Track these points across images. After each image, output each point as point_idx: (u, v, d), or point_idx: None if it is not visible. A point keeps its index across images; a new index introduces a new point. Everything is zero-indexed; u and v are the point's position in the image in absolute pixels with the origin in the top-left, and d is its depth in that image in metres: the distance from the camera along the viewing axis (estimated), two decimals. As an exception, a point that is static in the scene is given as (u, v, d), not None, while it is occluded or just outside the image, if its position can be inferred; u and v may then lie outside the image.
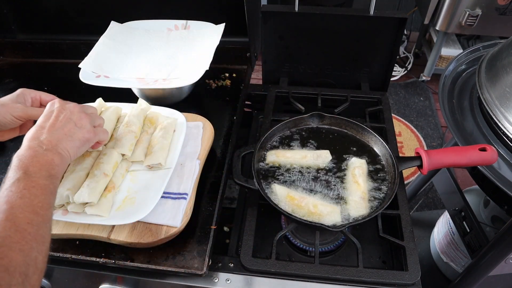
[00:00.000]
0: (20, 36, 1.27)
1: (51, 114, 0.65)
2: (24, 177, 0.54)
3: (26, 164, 0.56)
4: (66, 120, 0.65)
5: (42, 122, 0.64)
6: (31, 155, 0.57)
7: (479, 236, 0.99)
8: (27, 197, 0.52)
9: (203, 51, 1.01)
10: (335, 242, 0.86)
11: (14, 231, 0.48)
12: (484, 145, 0.80)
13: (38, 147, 0.59)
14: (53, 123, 0.64)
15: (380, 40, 1.12)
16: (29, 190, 0.53)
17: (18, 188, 0.52)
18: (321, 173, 0.86)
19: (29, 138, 0.61)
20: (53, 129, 0.63)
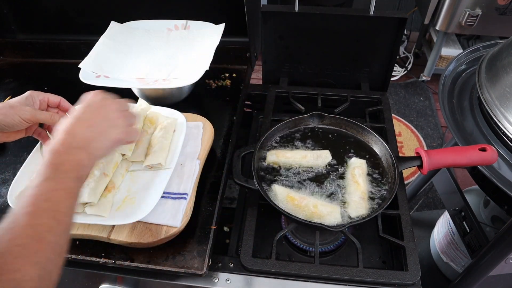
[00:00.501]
0: (20, 36, 1.27)
1: (89, 109, 0.64)
2: (53, 176, 0.53)
3: (57, 162, 0.55)
4: (103, 118, 0.64)
5: (80, 114, 0.62)
6: (64, 152, 0.56)
7: (479, 236, 0.99)
8: (52, 201, 0.51)
9: (203, 51, 1.01)
10: (335, 242, 0.86)
11: (33, 240, 0.46)
12: (484, 145, 0.80)
13: (72, 144, 0.58)
14: (90, 118, 0.63)
15: (380, 40, 1.12)
16: (55, 192, 0.52)
17: (46, 189, 0.51)
18: (321, 173, 0.86)
19: (65, 130, 0.59)
20: (89, 125, 0.61)
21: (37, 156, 0.82)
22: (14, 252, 0.44)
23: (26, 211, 0.48)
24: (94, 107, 0.64)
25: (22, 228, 0.46)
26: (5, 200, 0.81)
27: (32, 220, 0.47)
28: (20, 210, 0.48)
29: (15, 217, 0.48)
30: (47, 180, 0.52)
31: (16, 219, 0.47)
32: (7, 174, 0.88)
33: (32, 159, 0.81)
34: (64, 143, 0.57)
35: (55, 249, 0.48)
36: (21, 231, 0.46)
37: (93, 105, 0.65)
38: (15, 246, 0.44)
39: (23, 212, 0.48)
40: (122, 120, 0.66)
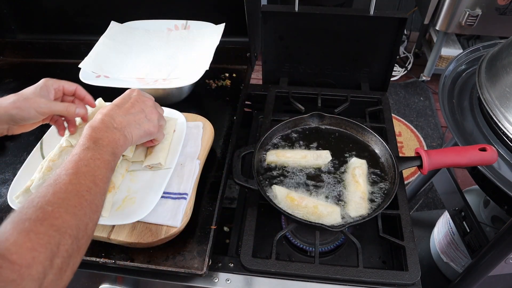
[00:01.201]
0: (20, 36, 1.27)
1: (129, 100, 0.70)
2: (93, 147, 0.58)
3: (97, 137, 0.60)
4: (139, 110, 0.70)
5: (119, 103, 0.69)
6: (103, 129, 0.62)
7: (479, 236, 0.99)
8: (91, 166, 0.56)
9: (203, 51, 1.01)
10: (335, 242, 0.86)
11: (73, 195, 0.51)
12: (484, 145, 0.80)
13: (110, 124, 0.64)
14: (128, 108, 0.69)
15: (380, 40, 1.12)
16: (94, 161, 0.57)
17: (86, 157, 0.57)
18: (321, 173, 0.86)
19: (105, 113, 0.65)
20: (126, 112, 0.68)
21: (37, 156, 0.82)
22: (56, 203, 0.49)
23: (67, 172, 0.53)
24: (134, 99, 0.71)
25: (64, 184, 0.51)
26: (5, 200, 0.81)
27: (73, 179, 0.53)
28: (62, 171, 0.54)
29: (58, 176, 0.53)
30: (87, 150, 0.58)
31: (59, 177, 0.52)
32: (7, 174, 0.88)
33: (32, 159, 0.81)
34: (103, 122, 0.63)
35: (92, 207, 0.53)
36: (63, 187, 0.51)
37: (132, 97, 0.71)
38: (58, 198, 0.49)
39: (65, 173, 0.53)
40: (155, 116, 0.72)
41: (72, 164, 0.55)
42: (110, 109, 0.67)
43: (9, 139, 0.96)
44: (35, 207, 0.47)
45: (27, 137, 0.97)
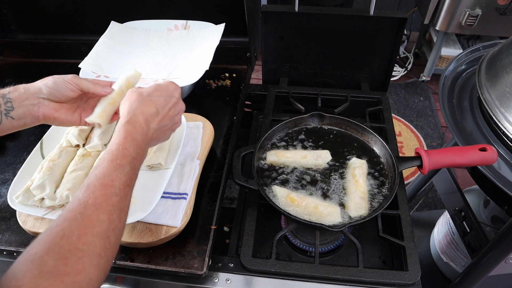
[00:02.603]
0: (20, 36, 1.27)
1: (169, 102, 0.65)
2: (127, 170, 0.54)
3: (132, 156, 0.55)
4: (171, 118, 0.66)
5: (160, 104, 0.64)
6: (140, 143, 0.58)
7: (479, 236, 0.99)
8: (121, 196, 0.51)
9: (203, 51, 1.01)
10: (335, 242, 0.86)
11: (99, 239, 0.46)
12: (484, 145, 0.80)
13: (146, 134, 0.60)
14: (164, 115, 0.64)
15: (380, 40, 1.12)
16: (125, 188, 0.52)
17: (119, 181, 0.52)
18: (321, 173, 0.86)
19: (145, 118, 0.60)
20: (162, 121, 0.64)
21: (37, 156, 0.82)
22: (81, 249, 0.43)
23: (96, 201, 0.48)
24: (172, 104, 0.66)
25: (93, 222, 0.46)
26: (5, 200, 0.81)
27: (102, 216, 0.47)
28: (91, 197, 0.48)
29: (85, 203, 0.47)
30: (121, 170, 0.53)
31: (86, 206, 0.47)
32: (7, 174, 0.88)
33: (32, 159, 0.81)
34: (142, 132, 0.59)
35: (113, 250, 0.48)
36: (92, 227, 0.45)
37: (172, 101, 0.66)
38: (83, 244, 0.44)
39: (93, 201, 0.47)
40: (177, 127, 0.70)
41: (103, 191, 0.49)
42: (150, 113, 0.61)
43: (9, 139, 0.96)
44: (58, 253, 0.41)
45: (27, 137, 0.97)
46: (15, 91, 0.65)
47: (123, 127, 0.57)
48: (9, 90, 0.66)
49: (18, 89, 0.66)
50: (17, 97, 0.65)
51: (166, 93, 0.66)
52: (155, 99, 0.63)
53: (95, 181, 0.50)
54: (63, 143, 0.83)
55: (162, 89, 0.66)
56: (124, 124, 0.58)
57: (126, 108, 0.61)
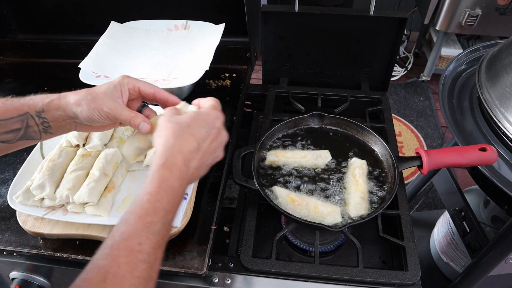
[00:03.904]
0: (20, 36, 1.27)
1: (210, 133, 0.57)
2: (162, 223, 0.48)
3: (167, 208, 0.49)
4: (213, 152, 0.58)
5: (201, 140, 0.56)
6: (177, 192, 0.51)
7: (479, 236, 0.99)
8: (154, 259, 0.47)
9: (203, 51, 1.01)
10: (335, 242, 0.86)
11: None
12: (484, 145, 0.80)
13: (184, 176, 0.53)
14: (206, 149, 0.56)
15: (380, 40, 1.12)
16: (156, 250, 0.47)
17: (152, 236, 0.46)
18: (321, 173, 0.86)
19: (184, 158, 0.53)
20: (203, 158, 0.56)
21: (37, 156, 0.82)
22: None
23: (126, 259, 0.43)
24: (214, 135, 0.58)
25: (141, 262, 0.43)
26: (5, 200, 0.81)
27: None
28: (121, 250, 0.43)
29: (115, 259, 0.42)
30: (152, 225, 0.47)
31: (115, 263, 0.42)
32: (7, 174, 0.88)
33: (32, 159, 0.81)
34: (180, 176, 0.52)
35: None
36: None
37: (214, 132, 0.58)
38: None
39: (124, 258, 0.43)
40: (219, 159, 0.62)
41: (128, 258, 0.43)
42: (190, 149, 0.54)
43: (9, 139, 0.96)
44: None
45: (27, 137, 0.97)
46: (49, 111, 0.60)
47: (158, 173, 0.51)
48: (42, 107, 0.60)
49: (51, 108, 0.60)
50: (53, 118, 0.61)
51: (207, 123, 0.58)
52: (195, 131, 0.56)
53: (119, 243, 0.44)
54: (63, 143, 0.83)
55: (202, 118, 0.58)
56: (159, 168, 0.51)
57: (161, 145, 0.54)
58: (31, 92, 0.64)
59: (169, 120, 0.57)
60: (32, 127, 0.60)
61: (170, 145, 0.53)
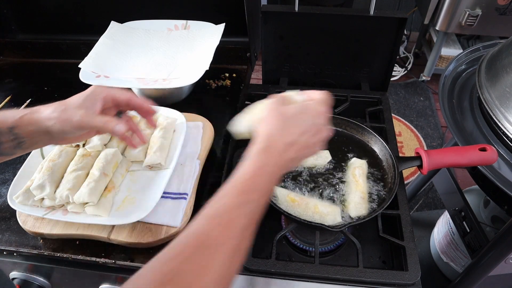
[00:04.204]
0: (20, 36, 1.27)
1: (312, 129, 0.56)
2: (256, 204, 0.50)
3: (260, 188, 0.50)
4: (311, 146, 0.57)
5: (303, 133, 0.55)
6: (269, 175, 0.52)
7: (479, 236, 0.99)
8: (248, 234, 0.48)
9: (203, 51, 1.01)
10: (335, 242, 0.86)
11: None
12: (484, 145, 0.80)
13: (279, 166, 0.53)
14: (304, 143, 0.56)
15: (380, 40, 1.12)
16: (250, 228, 0.48)
17: (244, 215, 0.48)
18: (321, 173, 0.86)
19: (284, 148, 0.53)
20: (300, 151, 0.55)
21: (37, 156, 0.82)
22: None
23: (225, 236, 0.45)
24: (315, 131, 0.57)
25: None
26: (5, 200, 0.81)
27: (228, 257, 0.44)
28: (215, 224, 0.45)
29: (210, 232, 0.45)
30: (246, 204, 0.49)
31: (210, 236, 0.44)
32: (7, 174, 0.88)
33: (32, 159, 0.81)
34: (275, 162, 0.53)
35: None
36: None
37: (317, 124, 0.58)
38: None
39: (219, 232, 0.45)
40: (316, 151, 0.60)
41: (226, 225, 0.45)
42: (290, 141, 0.54)
43: (9, 139, 0.96)
44: (191, 254, 0.42)
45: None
46: (21, 126, 0.59)
47: (258, 157, 0.52)
48: (13, 123, 0.59)
49: (23, 123, 0.59)
50: (27, 133, 0.60)
51: (311, 117, 0.57)
52: (298, 123, 0.56)
53: (217, 210, 0.47)
54: (63, 143, 0.83)
55: (307, 112, 0.57)
56: (260, 152, 0.52)
57: (265, 131, 0.55)
58: (31, 92, 0.64)
59: (276, 109, 0.57)
60: (4, 143, 0.60)
61: (273, 133, 0.54)
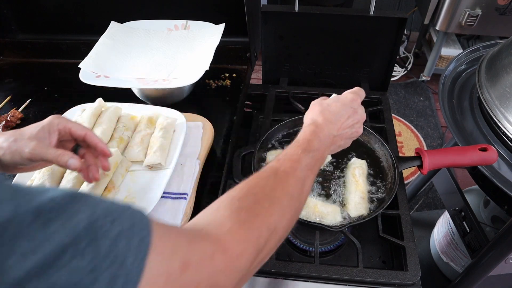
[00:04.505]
0: (20, 36, 1.27)
1: (349, 110, 0.67)
2: (310, 156, 0.57)
3: (316, 147, 0.59)
4: (350, 127, 0.67)
5: (338, 116, 0.66)
6: (319, 139, 0.61)
7: (479, 236, 0.99)
8: (303, 174, 0.54)
9: (203, 51, 1.01)
10: (335, 242, 0.86)
11: (289, 197, 0.50)
12: (484, 145, 0.80)
13: (327, 137, 0.62)
14: (343, 123, 0.66)
15: (380, 40, 1.12)
16: (308, 170, 0.56)
17: (303, 162, 0.56)
18: (321, 173, 0.86)
19: (327, 125, 0.63)
20: (340, 129, 0.65)
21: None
22: (273, 201, 0.48)
23: (286, 170, 0.53)
24: (352, 112, 0.67)
25: (283, 184, 0.51)
26: (5, 200, 0.81)
27: (292, 181, 0.52)
28: (282, 167, 0.53)
29: (277, 169, 0.52)
30: (305, 154, 0.57)
31: (278, 172, 0.52)
32: (7, 174, 0.88)
33: (32, 159, 0.81)
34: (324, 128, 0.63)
35: (297, 212, 0.53)
36: (283, 186, 0.51)
37: (351, 110, 0.67)
38: (275, 197, 0.49)
39: (284, 169, 0.53)
40: (359, 134, 0.70)
41: (291, 164, 0.54)
42: (330, 120, 0.64)
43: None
44: (254, 197, 0.47)
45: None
46: None
47: (308, 127, 0.63)
48: None
49: None
50: None
51: (344, 103, 0.68)
52: (333, 109, 0.66)
53: (285, 157, 0.56)
54: (63, 143, 0.83)
55: (340, 101, 0.68)
56: (309, 125, 0.63)
57: (309, 116, 0.67)
58: (31, 92, 0.64)
59: (317, 103, 0.68)
60: None
61: (316, 116, 0.65)
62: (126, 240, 0.30)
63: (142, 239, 0.31)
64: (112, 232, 0.29)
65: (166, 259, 0.33)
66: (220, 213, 0.45)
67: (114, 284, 0.28)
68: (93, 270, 0.27)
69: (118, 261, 0.29)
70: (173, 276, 0.33)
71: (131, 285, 0.29)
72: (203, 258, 0.36)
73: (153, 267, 0.31)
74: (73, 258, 0.27)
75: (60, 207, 0.28)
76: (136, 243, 0.31)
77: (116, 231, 0.30)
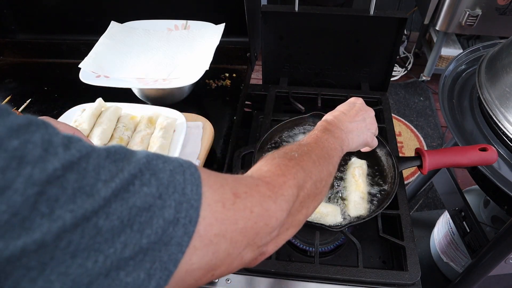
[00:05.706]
0: (20, 36, 1.27)
1: (353, 107, 0.72)
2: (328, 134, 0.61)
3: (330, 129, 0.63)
4: (362, 119, 0.71)
5: (344, 109, 0.71)
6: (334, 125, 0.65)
7: (479, 236, 0.99)
8: (326, 146, 0.58)
9: (203, 51, 1.01)
10: (335, 242, 0.86)
11: (314, 156, 0.54)
12: (484, 145, 0.80)
13: (339, 124, 0.66)
14: (353, 115, 0.70)
15: (380, 40, 1.12)
16: (329, 144, 0.59)
17: (323, 137, 0.60)
18: (321, 173, 0.86)
19: (334, 115, 0.69)
20: (352, 120, 0.69)
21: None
22: (301, 154, 0.52)
23: (308, 141, 0.58)
24: (358, 108, 0.72)
25: (307, 147, 0.55)
26: (5, 200, 0.81)
27: (314, 147, 0.56)
28: (303, 141, 0.58)
29: (299, 144, 0.56)
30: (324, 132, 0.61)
31: (300, 146, 0.55)
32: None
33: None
34: (333, 122, 0.66)
35: (328, 169, 0.56)
36: (307, 148, 0.55)
37: (357, 105, 0.73)
38: (302, 152, 0.53)
39: (305, 142, 0.57)
40: (374, 127, 0.74)
41: (311, 139, 0.58)
42: (337, 114, 0.69)
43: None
44: (283, 153, 0.51)
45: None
46: None
47: (320, 123, 0.66)
48: None
49: None
50: None
51: (348, 104, 0.74)
52: (340, 108, 0.72)
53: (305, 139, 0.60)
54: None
55: (346, 102, 0.75)
56: (322, 123, 0.66)
57: (324, 118, 0.70)
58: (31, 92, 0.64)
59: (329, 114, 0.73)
60: None
61: (325, 117, 0.70)
62: (180, 175, 0.34)
63: (192, 174, 0.36)
64: (167, 168, 0.34)
65: (217, 190, 0.37)
66: (258, 164, 0.50)
67: (180, 208, 0.32)
68: (160, 196, 0.32)
69: (179, 189, 0.33)
70: (228, 202, 0.37)
71: (194, 210, 0.34)
72: (250, 187, 0.41)
73: (209, 196, 0.36)
74: (143, 185, 0.31)
75: (121, 151, 0.32)
76: (188, 177, 0.35)
77: (169, 168, 0.34)
